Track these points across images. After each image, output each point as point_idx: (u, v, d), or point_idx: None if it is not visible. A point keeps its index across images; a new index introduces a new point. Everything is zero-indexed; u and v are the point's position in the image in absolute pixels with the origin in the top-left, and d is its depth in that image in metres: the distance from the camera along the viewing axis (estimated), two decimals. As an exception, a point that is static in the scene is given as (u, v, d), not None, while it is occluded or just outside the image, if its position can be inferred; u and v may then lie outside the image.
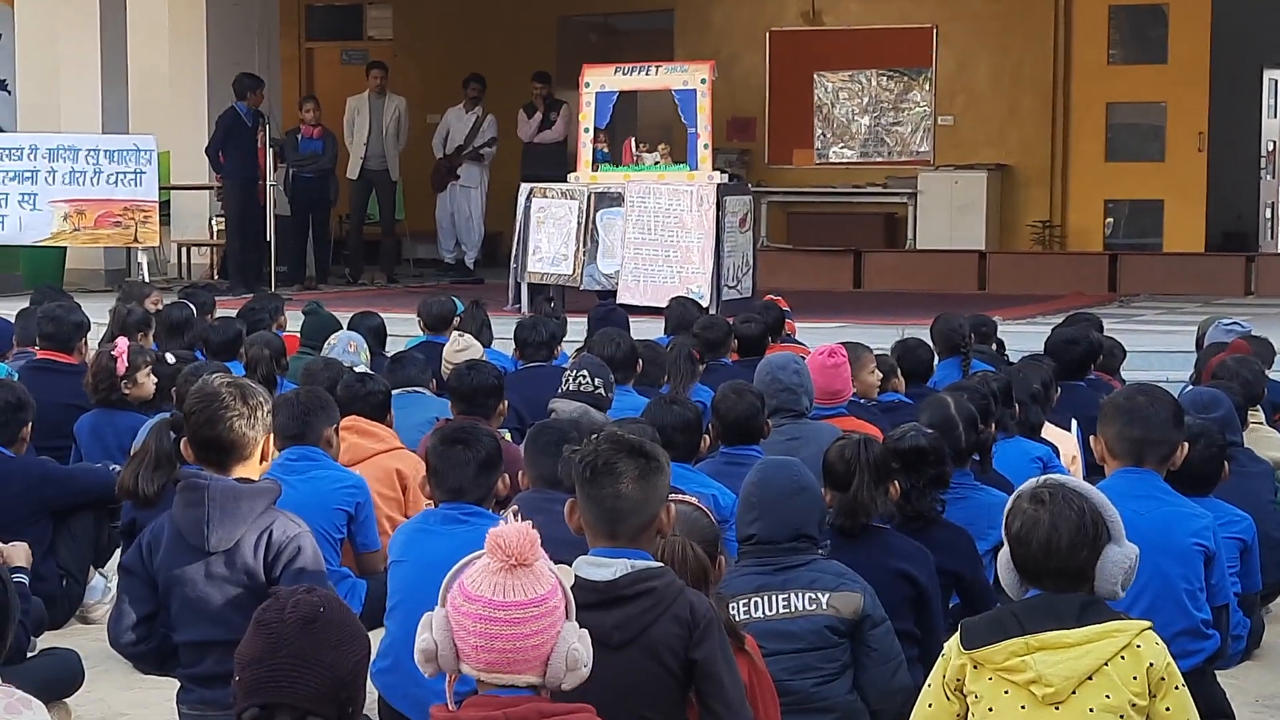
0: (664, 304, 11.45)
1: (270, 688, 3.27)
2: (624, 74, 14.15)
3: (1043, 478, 4.09)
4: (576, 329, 10.60)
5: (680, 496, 4.66)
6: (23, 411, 6.84)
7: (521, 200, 14.13)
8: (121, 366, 7.94)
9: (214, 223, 17.98)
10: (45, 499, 6.75)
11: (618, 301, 12.81)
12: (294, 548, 5.04)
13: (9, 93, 16.72)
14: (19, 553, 5.47)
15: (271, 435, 5.22)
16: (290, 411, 6.52)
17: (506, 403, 7.45)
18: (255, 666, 3.29)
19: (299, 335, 10.38)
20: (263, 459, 5.16)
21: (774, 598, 4.94)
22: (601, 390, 7.58)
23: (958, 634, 3.99)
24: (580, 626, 3.46)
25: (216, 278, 17.41)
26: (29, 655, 5.51)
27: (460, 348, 9.05)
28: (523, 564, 3.39)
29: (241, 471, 5.08)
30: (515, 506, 5.42)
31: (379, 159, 17.81)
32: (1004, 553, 4.06)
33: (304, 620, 3.28)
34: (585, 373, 7.63)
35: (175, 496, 5.14)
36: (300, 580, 4.82)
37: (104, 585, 6.87)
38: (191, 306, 10.78)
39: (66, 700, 5.51)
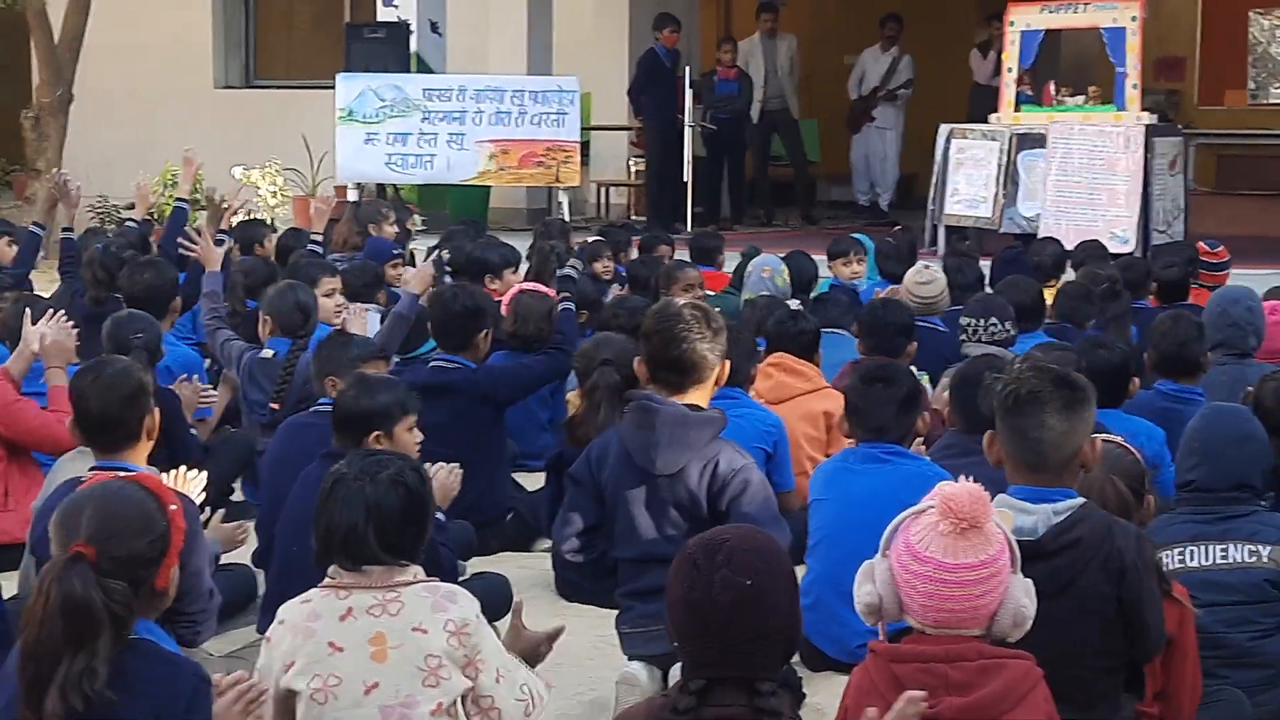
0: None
1: (717, 665, 3.20)
2: (1050, 11, 13.76)
3: None
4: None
5: (1107, 436, 4.52)
6: (477, 319, 7.05)
7: (940, 141, 13.92)
8: None
9: (631, 163, 18.22)
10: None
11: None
12: (740, 481, 5.12)
13: (440, 35, 17.13)
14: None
15: (727, 364, 5.28)
16: None
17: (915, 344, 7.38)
18: (695, 642, 3.21)
19: (729, 275, 10.46)
20: (716, 385, 5.23)
21: (1210, 548, 4.78)
22: (1012, 333, 7.49)
23: None
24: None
25: (634, 217, 17.64)
26: (460, 579, 5.67)
27: (924, 280, 8.84)
28: (974, 526, 3.34)
29: (695, 394, 5.18)
30: None
31: (778, 99, 17.68)
32: None
33: (735, 604, 3.16)
34: (995, 319, 7.52)
35: (625, 416, 5.28)
36: (747, 522, 4.84)
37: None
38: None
39: (496, 624, 5.63)
